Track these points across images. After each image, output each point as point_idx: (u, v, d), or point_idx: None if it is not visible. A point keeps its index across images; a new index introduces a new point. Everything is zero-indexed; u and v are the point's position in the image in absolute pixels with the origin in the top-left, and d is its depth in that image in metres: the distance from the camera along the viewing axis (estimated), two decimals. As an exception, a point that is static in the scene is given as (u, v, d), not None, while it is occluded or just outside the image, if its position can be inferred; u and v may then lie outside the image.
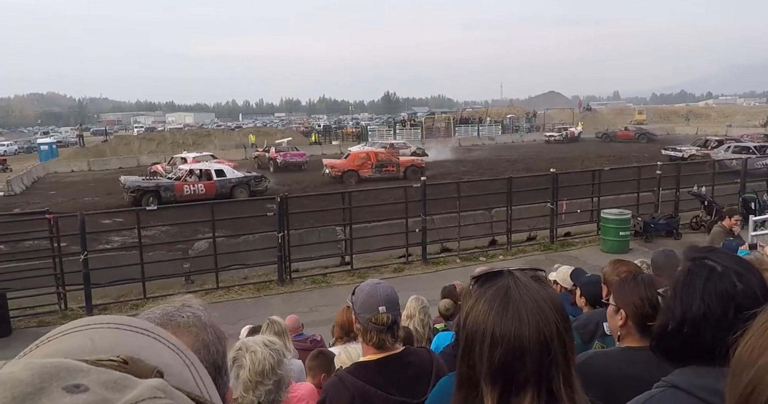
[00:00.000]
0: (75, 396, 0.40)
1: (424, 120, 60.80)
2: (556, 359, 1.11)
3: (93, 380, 0.43)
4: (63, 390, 0.41)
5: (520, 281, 1.18)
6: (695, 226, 14.83)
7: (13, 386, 0.40)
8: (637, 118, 79.49)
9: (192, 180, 22.51)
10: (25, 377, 0.41)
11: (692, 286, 1.39)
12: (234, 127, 77.48)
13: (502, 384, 1.11)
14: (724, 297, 1.34)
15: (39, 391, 0.40)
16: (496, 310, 1.14)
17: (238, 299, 11.02)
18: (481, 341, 1.13)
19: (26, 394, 0.40)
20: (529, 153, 40.03)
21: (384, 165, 27.75)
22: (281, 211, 11.64)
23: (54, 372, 0.42)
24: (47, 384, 0.41)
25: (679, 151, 30.08)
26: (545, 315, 1.13)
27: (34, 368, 0.42)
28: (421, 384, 2.19)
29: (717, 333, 1.32)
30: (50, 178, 35.53)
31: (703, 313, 1.35)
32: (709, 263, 1.40)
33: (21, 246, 12.07)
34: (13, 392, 0.40)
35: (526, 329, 1.11)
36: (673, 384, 1.36)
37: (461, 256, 12.97)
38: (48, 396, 0.40)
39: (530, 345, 1.10)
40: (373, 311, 2.24)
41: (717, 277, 1.37)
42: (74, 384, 0.41)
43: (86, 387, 0.41)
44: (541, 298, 1.15)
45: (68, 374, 0.42)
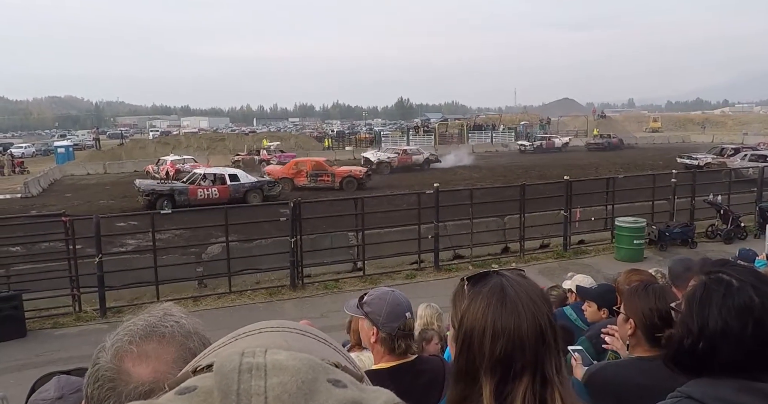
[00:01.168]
0: (340, 389, 0.44)
1: (437, 126, 60.89)
2: (550, 346, 1.20)
3: (344, 377, 0.46)
4: (329, 382, 0.44)
5: (512, 279, 1.27)
6: (711, 235, 14.69)
7: (297, 372, 0.44)
8: (652, 125, 79.04)
9: (206, 184, 22.64)
10: (299, 366, 0.44)
11: (709, 301, 1.37)
12: (248, 131, 77.93)
13: (501, 373, 1.19)
14: (743, 312, 1.32)
15: (314, 380, 0.43)
16: (495, 305, 1.22)
17: (251, 303, 11.05)
18: (481, 335, 1.21)
19: (310, 381, 0.43)
20: (542, 160, 39.88)
21: (319, 175, 27.40)
22: (294, 216, 11.66)
23: (317, 366, 0.45)
24: (317, 375, 0.44)
25: (695, 159, 29.86)
26: (538, 307, 1.23)
27: (299, 359, 0.45)
28: (434, 392, 2.19)
29: (735, 348, 1.31)
30: (66, 180, 35.89)
31: (721, 329, 1.33)
32: (725, 277, 1.38)
33: (37, 248, 12.18)
34: (300, 377, 0.43)
35: (524, 321, 1.20)
36: (688, 395, 1.35)
37: (474, 263, 12.91)
38: (323, 386, 0.43)
39: (528, 336, 1.19)
40: (400, 319, 2.26)
41: (734, 292, 1.35)
42: (335, 378, 0.45)
43: (344, 383, 0.45)
44: (532, 292, 1.26)
45: (324, 370, 0.45)
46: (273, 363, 0.45)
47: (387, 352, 2.27)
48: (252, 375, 0.44)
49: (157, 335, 1.05)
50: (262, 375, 0.44)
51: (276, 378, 0.44)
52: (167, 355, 1.03)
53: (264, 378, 0.44)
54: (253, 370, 0.45)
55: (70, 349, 8.61)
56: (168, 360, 1.02)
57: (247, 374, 0.44)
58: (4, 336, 9.39)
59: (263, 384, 0.43)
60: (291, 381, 0.43)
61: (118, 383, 1.01)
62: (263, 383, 0.43)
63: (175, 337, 1.05)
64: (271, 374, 0.44)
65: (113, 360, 1.02)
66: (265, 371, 0.44)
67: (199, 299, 11.05)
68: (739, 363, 1.31)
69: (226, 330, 0.60)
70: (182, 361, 1.02)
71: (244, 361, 0.46)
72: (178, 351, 1.04)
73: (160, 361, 1.02)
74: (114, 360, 1.02)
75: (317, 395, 0.43)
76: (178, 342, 1.05)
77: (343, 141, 57.84)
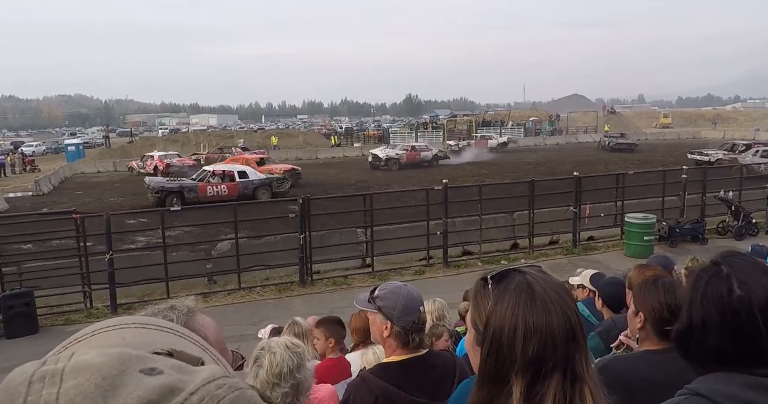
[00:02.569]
0: (154, 377, 0.42)
1: (446, 123, 60.72)
2: (579, 342, 1.17)
3: (163, 364, 0.45)
4: (141, 372, 0.43)
5: (536, 275, 1.23)
6: (722, 231, 14.59)
7: (98, 369, 0.42)
8: (663, 121, 78.54)
9: (215, 181, 22.74)
10: (105, 362, 0.43)
11: (697, 290, 1.38)
12: (257, 129, 78.16)
13: (533, 373, 1.15)
14: (719, 303, 1.32)
15: (121, 373, 0.42)
16: (524, 303, 1.17)
17: (260, 300, 11.09)
18: (512, 335, 1.16)
19: (113, 376, 0.42)
20: (552, 156, 39.72)
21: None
22: (303, 213, 11.69)
23: (127, 358, 0.44)
24: (126, 367, 0.43)
25: (706, 155, 29.64)
26: (566, 303, 1.19)
27: (108, 355, 0.44)
28: (444, 387, 2.19)
29: (718, 338, 1.31)
30: (77, 178, 36.13)
31: (702, 319, 1.34)
32: (720, 268, 1.38)
33: (48, 245, 12.29)
34: (101, 374, 0.42)
35: (555, 318, 1.16)
36: (696, 392, 1.34)
37: (483, 259, 12.90)
38: (131, 377, 0.42)
39: (560, 333, 1.15)
40: (415, 313, 2.26)
41: (716, 282, 1.35)
42: (150, 367, 0.44)
43: (160, 370, 0.44)
44: (558, 288, 1.22)
45: (139, 360, 0.44)
46: (73, 366, 0.43)
47: (400, 346, 2.27)
48: (45, 384, 0.42)
49: None
50: (56, 381, 0.42)
51: (72, 381, 0.42)
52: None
53: (59, 383, 0.42)
54: (47, 378, 0.42)
55: (82, 345, 8.67)
56: None
57: (39, 384, 0.42)
58: (17, 332, 9.51)
59: (56, 391, 0.41)
60: (88, 380, 0.42)
61: None
62: (56, 389, 0.41)
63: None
64: (67, 378, 0.42)
65: None
66: (62, 376, 0.42)
67: (208, 296, 11.10)
68: (736, 355, 1.30)
69: (236, 327, 0.60)
70: None
71: (39, 370, 0.43)
72: None
73: None
74: None
75: (121, 389, 0.41)
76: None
77: (351, 138, 57.84)
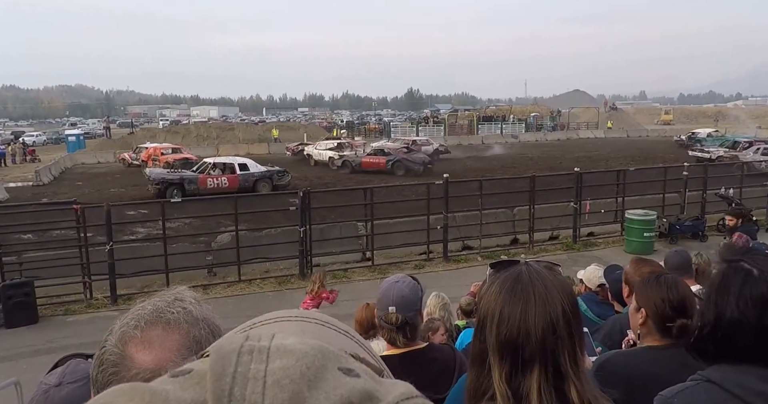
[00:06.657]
0: (351, 378, 0.41)
1: (447, 117, 60.67)
2: (563, 338, 1.20)
3: (358, 368, 0.43)
4: (339, 370, 0.41)
5: (532, 268, 1.29)
6: (722, 228, 14.57)
7: (302, 356, 0.41)
8: (664, 118, 78.43)
9: (215, 173, 22.73)
10: (308, 351, 0.42)
11: (727, 290, 1.36)
12: (258, 121, 78.16)
13: (510, 360, 1.20)
14: (760, 303, 1.32)
15: (323, 367, 0.41)
16: (506, 291, 1.25)
17: (260, 292, 11.11)
18: (491, 319, 1.24)
19: (316, 367, 0.41)
20: (553, 151, 39.69)
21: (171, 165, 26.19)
22: (303, 205, 11.69)
23: (327, 353, 0.42)
24: (327, 362, 0.42)
25: (707, 152, 29.62)
26: (552, 298, 1.23)
27: (309, 345, 0.43)
28: (444, 380, 2.19)
29: (751, 337, 1.30)
30: (77, 169, 36.11)
31: (737, 318, 1.33)
32: (746, 266, 1.37)
33: (48, 236, 12.28)
34: (305, 362, 0.41)
35: (533, 308, 1.21)
36: (708, 379, 1.34)
37: (482, 254, 12.89)
38: (331, 373, 0.41)
39: (535, 324, 1.20)
40: (384, 309, 2.27)
41: (753, 281, 1.34)
42: (348, 367, 0.42)
43: (357, 372, 0.42)
44: (549, 282, 1.26)
45: (337, 358, 0.43)
46: (278, 347, 0.42)
47: (386, 339, 2.31)
48: (253, 358, 0.41)
49: (162, 321, 1.04)
50: (263, 359, 0.41)
51: (279, 362, 0.41)
52: (171, 342, 1.02)
53: (266, 361, 0.41)
54: (255, 353, 0.42)
55: (82, 335, 8.68)
56: (171, 348, 1.01)
57: (248, 356, 0.41)
58: (17, 322, 9.51)
59: (263, 368, 0.40)
60: (295, 365, 0.40)
61: (121, 368, 1.00)
62: (264, 366, 0.40)
63: (180, 324, 1.04)
64: (274, 357, 0.41)
65: (118, 345, 1.02)
66: (268, 354, 0.42)
67: (208, 288, 11.10)
68: (759, 351, 1.30)
69: (235, 319, 0.60)
70: (186, 349, 1.01)
71: (247, 343, 0.43)
72: (183, 339, 1.03)
73: (164, 348, 1.01)
74: (119, 344, 1.02)
75: (323, 382, 0.40)
76: (184, 329, 1.04)
77: (352, 131, 57.81)
